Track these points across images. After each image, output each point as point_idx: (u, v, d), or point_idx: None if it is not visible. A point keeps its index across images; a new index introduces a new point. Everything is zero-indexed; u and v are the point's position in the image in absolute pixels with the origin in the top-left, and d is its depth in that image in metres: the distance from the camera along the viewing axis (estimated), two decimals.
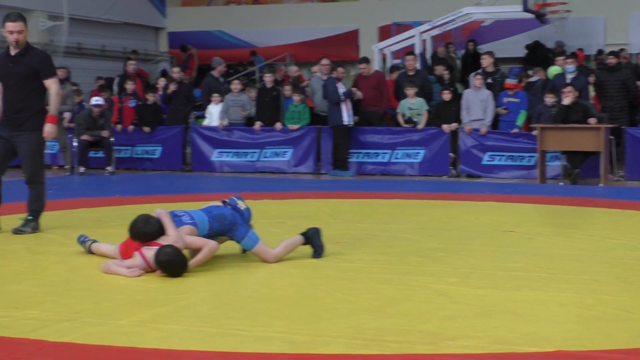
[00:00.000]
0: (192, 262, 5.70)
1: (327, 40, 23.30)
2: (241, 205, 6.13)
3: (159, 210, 5.87)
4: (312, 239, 6.26)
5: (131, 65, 17.50)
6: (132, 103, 16.02)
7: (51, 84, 7.39)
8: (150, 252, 5.57)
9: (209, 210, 5.99)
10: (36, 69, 7.35)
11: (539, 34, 20.55)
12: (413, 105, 14.48)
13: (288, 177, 14.33)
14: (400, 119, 14.59)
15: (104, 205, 9.56)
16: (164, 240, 5.65)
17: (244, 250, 6.19)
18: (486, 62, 14.85)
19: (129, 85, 16.20)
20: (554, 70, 15.10)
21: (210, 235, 5.89)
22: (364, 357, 3.85)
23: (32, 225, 7.46)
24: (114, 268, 5.61)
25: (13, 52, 7.39)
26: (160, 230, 5.72)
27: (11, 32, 7.30)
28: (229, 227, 5.95)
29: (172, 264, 5.48)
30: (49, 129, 7.39)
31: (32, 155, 7.44)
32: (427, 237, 7.36)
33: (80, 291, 5.16)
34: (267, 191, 11.60)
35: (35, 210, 7.52)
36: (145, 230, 5.70)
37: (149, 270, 5.58)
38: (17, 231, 7.36)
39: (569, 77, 14.09)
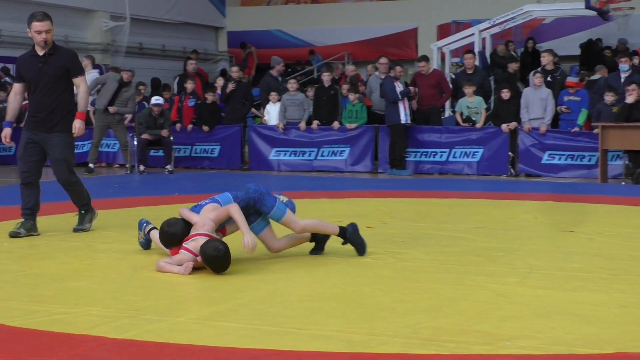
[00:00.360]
0: (242, 229, 5.70)
1: (386, 39, 23.25)
2: (283, 199, 6.14)
3: (180, 209, 5.93)
4: (352, 238, 6.19)
5: (191, 65, 17.69)
6: (191, 102, 16.18)
7: (80, 82, 7.31)
8: (193, 243, 5.63)
9: (230, 190, 6.07)
10: (67, 68, 7.24)
11: (601, 31, 20.23)
12: (471, 104, 14.38)
13: (345, 176, 14.33)
14: (459, 118, 14.50)
15: (162, 203, 9.66)
16: (194, 230, 5.71)
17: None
18: (546, 60, 14.67)
19: (189, 85, 16.37)
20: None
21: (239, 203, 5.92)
22: (420, 357, 3.83)
23: (88, 218, 7.49)
24: (167, 267, 5.65)
25: (41, 52, 7.21)
26: (187, 228, 5.78)
27: (39, 32, 7.14)
28: (254, 195, 5.93)
29: (216, 260, 5.48)
30: (78, 124, 7.27)
31: (66, 159, 7.32)
32: (485, 237, 7.30)
33: (140, 288, 5.22)
34: (324, 190, 11.62)
35: (85, 204, 7.49)
36: (171, 232, 5.78)
37: (198, 263, 5.62)
38: (78, 229, 7.42)
39: (623, 76, 13.89)
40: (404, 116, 14.18)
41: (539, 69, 14.74)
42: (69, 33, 20.70)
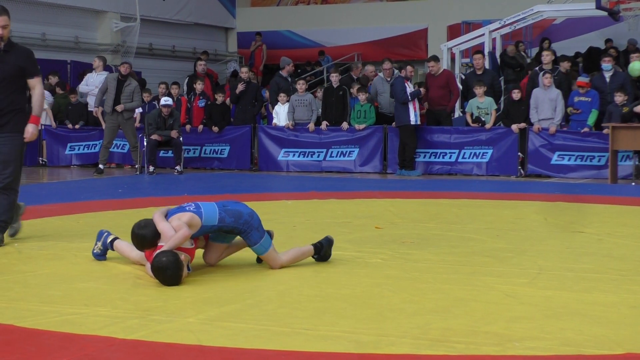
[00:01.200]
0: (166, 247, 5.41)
1: (396, 40, 23.23)
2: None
3: (154, 213, 5.66)
4: (324, 252, 6.02)
5: (200, 66, 17.71)
6: (201, 103, 16.21)
7: (36, 84, 6.83)
8: (152, 256, 5.45)
9: (224, 204, 5.69)
10: (22, 67, 6.79)
11: (611, 32, 20.16)
12: (481, 105, 14.36)
13: (354, 177, 14.33)
14: (469, 118, 14.48)
15: (172, 204, 9.66)
16: (162, 240, 5.49)
17: (259, 259, 5.95)
18: (546, 58, 14.64)
19: (198, 85, 16.39)
20: (635, 66, 14.61)
21: (220, 229, 5.66)
22: (430, 358, 3.83)
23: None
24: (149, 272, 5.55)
25: None
26: (157, 231, 5.52)
27: None
28: (243, 227, 5.64)
29: (161, 272, 5.28)
30: (31, 129, 6.82)
31: (14, 160, 6.80)
32: (494, 238, 7.29)
33: (149, 289, 5.23)
34: (333, 191, 11.61)
35: (5, 221, 6.79)
36: (141, 235, 5.54)
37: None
38: None
39: (607, 75, 13.93)
40: (413, 117, 14.17)
41: (537, 68, 14.80)
42: (79, 34, 20.77)
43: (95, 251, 6.18)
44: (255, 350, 3.92)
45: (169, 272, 5.26)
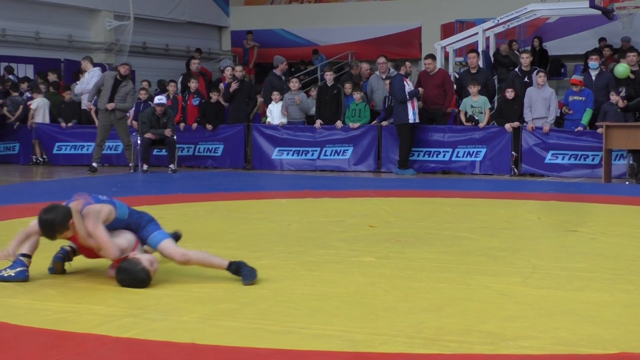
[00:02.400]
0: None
1: (389, 38, 23.23)
2: None
3: (74, 203, 5.34)
4: (239, 271, 5.44)
5: (194, 64, 17.70)
6: (195, 101, 16.20)
7: None
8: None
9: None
10: None
11: (605, 30, 20.18)
12: (475, 103, 14.37)
13: (348, 176, 14.33)
14: (462, 117, 14.49)
15: (165, 202, 9.67)
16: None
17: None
18: (525, 61, 14.68)
19: (192, 84, 16.37)
20: (619, 69, 14.65)
21: (126, 224, 5.52)
22: (423, 357, 3.84)
23: None
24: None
25: None
26: (66, 219, 5.23)
27: None
28: (145, 223, 5.56)
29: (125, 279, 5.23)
30: None
31: None
32: (488, 237, 7.30)
33: (143, 287, 5.23)
34: (327, 189, 11.62)
35: None
36: (46, 219, 5.23)
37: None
38: None
39: (593, 74, 13.99)
40: (412, 116, 14.15)
41: (516, 69, 14.86)
42: (72, 32, 20.72)
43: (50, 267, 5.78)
44: (249, 348, 3.92)
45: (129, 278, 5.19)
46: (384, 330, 4.21)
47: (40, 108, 16.30)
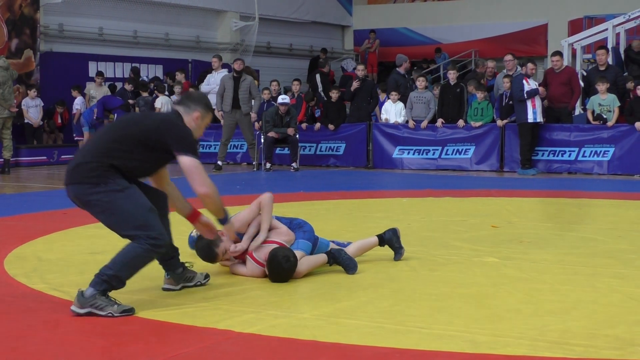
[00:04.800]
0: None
1: (514, 36, 22.84)
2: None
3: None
4: (391, 241, 5.97)
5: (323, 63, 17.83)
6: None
7: None
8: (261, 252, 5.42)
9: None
10: None
11: None
12: (604, 102, 13.95)
13: (470, 175, 14.16)
14: (590, 116, 14.09)
15: (288, 200, 9.79)
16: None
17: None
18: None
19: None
20: None
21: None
22: None
23: None
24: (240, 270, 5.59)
25: None
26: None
27: None
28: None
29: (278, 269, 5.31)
30: None
31: None
32: (616, 238, 7.08)
33: (265, 284, 5.30)
34: (449, 189, 11.51)
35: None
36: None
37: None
38: None
39: None
40: (531, 114, 13.87)
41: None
42: (200, 33, 21.24)
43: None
44: (369, 347, 3.93)
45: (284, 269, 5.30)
46: (506, 332, 4.15)
47: (163, 106, 16.78)
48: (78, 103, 17.36)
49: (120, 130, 4.76)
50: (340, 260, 5.59)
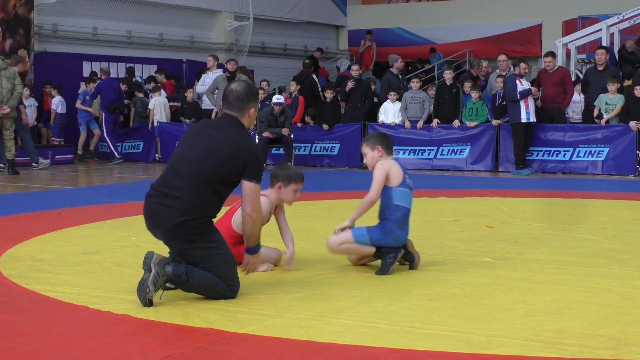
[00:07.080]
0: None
1: (508, 36, 22.89)
2: None
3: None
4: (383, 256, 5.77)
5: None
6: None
7: None
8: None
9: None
10: None
11: None
12: (611, 101, 13.95)
13: (465, 175, 14.18)
14: (596, 113, 14.07)
15: None
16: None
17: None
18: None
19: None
20: None
21: None
22: None
23: None
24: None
25: None
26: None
27: None
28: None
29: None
30: None
31: None
32: (610, 238, 7.09)
33: (258, 284, 5.31)
34: (444, 189, 11.52)
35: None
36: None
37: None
38: None
39: None
40: (524, 115, 13.90)
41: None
42: (194, 33, 21.24)
43: None
44: (364, 347, 3.93)
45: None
46: (501, 332, 4.15)
47: (156, 107, 16.74)
48: (55, 103, 17.18)
49: (216, 169, 4.84)
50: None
